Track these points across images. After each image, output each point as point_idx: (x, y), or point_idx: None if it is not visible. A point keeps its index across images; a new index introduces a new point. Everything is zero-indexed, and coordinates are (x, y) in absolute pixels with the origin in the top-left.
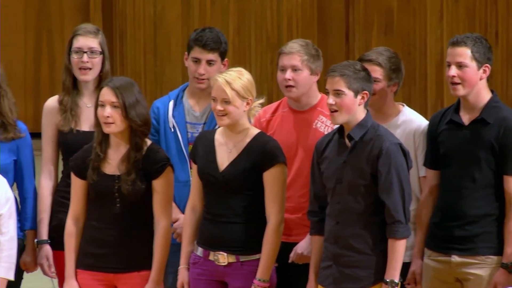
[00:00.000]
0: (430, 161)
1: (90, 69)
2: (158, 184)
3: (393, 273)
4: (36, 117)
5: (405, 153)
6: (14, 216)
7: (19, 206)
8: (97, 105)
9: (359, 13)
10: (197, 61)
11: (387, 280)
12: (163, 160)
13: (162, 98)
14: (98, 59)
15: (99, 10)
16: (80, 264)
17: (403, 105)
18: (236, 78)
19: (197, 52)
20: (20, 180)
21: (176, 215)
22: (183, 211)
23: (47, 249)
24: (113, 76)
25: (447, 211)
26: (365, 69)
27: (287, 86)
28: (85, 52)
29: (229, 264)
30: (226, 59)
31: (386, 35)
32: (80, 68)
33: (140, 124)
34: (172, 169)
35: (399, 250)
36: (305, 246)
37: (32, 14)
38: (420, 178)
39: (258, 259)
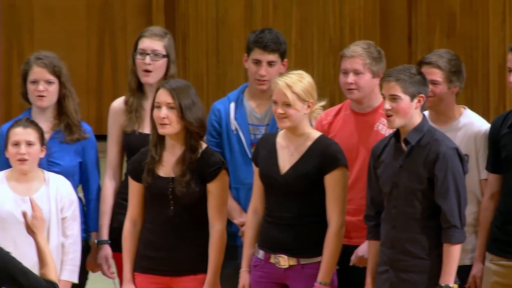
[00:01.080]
0: (492, 165)
1: (151, 71)
2: (212, 187)
3: (448, 278)
4: (98, 119)
5: (461, 158)
6: (78, 219)
7: (84, 208)
8: (153, 106)
9: (422, 16)
10: (257, 62)
11: (442, 285)
12: (218, 163)
13: (221, 100)
14: (161, 62)
15: (162, 12)
16: (138, 267)
17: (465, 108)
18: (297, 81)
19: (257, 54)
20: (85, 181)
21: (243, 218)
22: None
23: (107, 250)
24: (169, 79)
25: (509, 215)
26: (420, 73)
27: (349, 89)
28: (148, 54)
29: (290, 267)
30: (285, 60)
31: (448, 38)
32: (143, 70)
33: (196, 126)
34: (227, 172)
35: (454, 255)
36: (366, 249)
37: (94, 16)
38: (481, 181)
39: (319, 262)
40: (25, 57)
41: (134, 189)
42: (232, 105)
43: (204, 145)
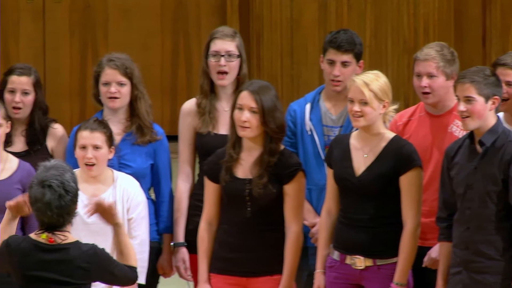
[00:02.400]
0: None
1: (227, 73)
2: (289, 189)
3: None
4: (173, 120)
5: None
6: (146, 220)
7: (156, 210)
8: (234, 107)
9: (496, 17)
10: (332, 63)
11: None
12: (295, 165)
13: (298, 100)
14: (235, 63)
15: (236, 12)
16: (213, 267)
17: None
18: (374, 80)
19: (332, 54)
20: (157, 183)
21: (313, 220)
22: (320, 214)
23: (184, 252)
24: (252, 80)
25: None
26: (494, 74)
27: (423, 93)
28: (223, 55)
29: (366, 267)
30: (361, 61)
31: None
32: (218, 72)
33: (276, 131)
34: (304, 174)
35: None
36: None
37: (169, 17)
38: None
39: (395, 263)
40: (100, 57)
41: (210, 189)
42: (308, 106)
43: (281, 147)
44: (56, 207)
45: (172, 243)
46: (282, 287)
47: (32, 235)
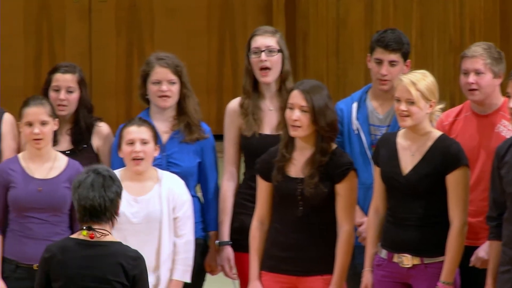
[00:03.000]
0: None
1: (269, 68)
2: (341, 188)
3: None
4: (219, 119)
5: None
6: (192, 219)
7: (202, 207)
8: (285, 106)
9: None
10: (379, 62)
11: None
12: (347, 164)
13: (345, 99)
14: (276, 57)
15: (282, 11)
16: (264, 266)
17: None
18: (421, 79)
19: (379, 53)
20: (204, 182)
21: (360, 219)
22: (366, 213)
23: (229, 251)
24: (304, 79)
25: None
26: None
27: (470, 90)
28: (263, 51)
29: (414, 266)
30: (408, 60)
31: None
32: (260, 69)
33: (327, 130)
34: (356, 173)
35: None
36: (487, 249)
37: (215, 16)
38: None
39: (442, 262)
40: (146, 57)
41: (263, 188)
42: (355, 105)
43: (333, 146)
44: (99, 190)
45: (217, 242)
46: (333, 286)
47: (72, 236)
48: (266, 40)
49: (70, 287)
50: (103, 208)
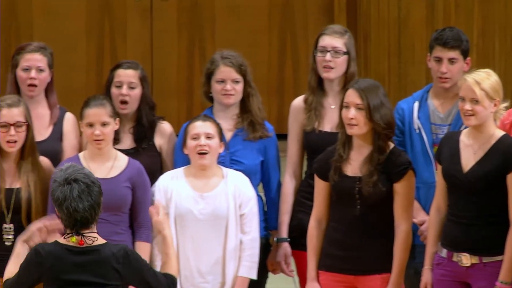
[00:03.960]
0: None
1: (332, 68)
2: (399, 187)
3: None
4: (279, 118)
5: None
6: (257, 216)
7: (265, 206)
8: (342, 106)
9: None
10: (439, 60)
11: None
12: (405, 163)
13: (406, 99)
14: (341, 59)
15: (344, 11)
16: (322, 265)
17: None
18: (485, 78)
19: (438, 51)
20: (266, 180)
21: (422, 217)
22: (428, 212)
23: (286, 247)
24: (359, 78)
25: None
26: None
27: None
28: (329, 51)
29: (472, 265)
30: (468, 58)
31: None
32: (324, 67)
33: (383, 127)
34: (414, 172)
35: None
36: None
37: (276, 15)
38: None
39: (501, 261)
40: (207, 56)
41: (320, 187)
42: (416, 104)
43: (392, 145)
44: (87, 199)
45: (275, 239)
46: (391, 285)
47: (61, 240)
48: (333, 41)
49: None
50: (93, 216)
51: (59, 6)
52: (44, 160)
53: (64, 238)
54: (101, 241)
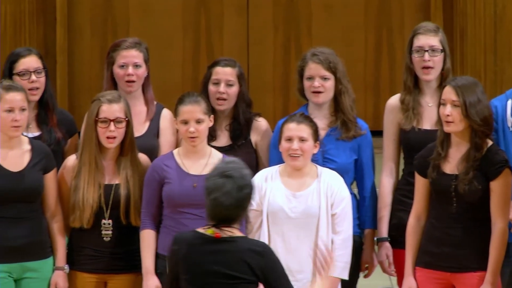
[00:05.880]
0: None
1: (431, 67)
2: (495, 185)
3: None
4: (375, 116)
5: None
6: (350, 216)
7: (358, 204)
8: (440, 103)
9: None
10: None
11: None
12: (502, 161)
13: (499, 97)
14: (439, 57)
15: (440, 9)
16: (419, 261)
17: None
18: None
19: None
20: (360, 178)
21: None
22: None
23: (387, 247)
24: (456, 76)
25: None
26: None
27: None
28: (426, 50)
29: None
30: None
31: None
32: (422, 68)
33: (480, 124)
34: (511, 171)
35: None
36: None
37: (372, 13)
38: None
39: None
40: (303, 52)
41: (420, 184)
42: (509, 102)
43: (490, 143)
44: (235, 198)
45: (376, 238)
46: (486, 283)
47: (199, 229)
48: (429, 40)
49: (196, 282)
50: (235, 216)
51: (155, 3)
52: (142, 157)
53: (203, 228)
54: (239, 233)
